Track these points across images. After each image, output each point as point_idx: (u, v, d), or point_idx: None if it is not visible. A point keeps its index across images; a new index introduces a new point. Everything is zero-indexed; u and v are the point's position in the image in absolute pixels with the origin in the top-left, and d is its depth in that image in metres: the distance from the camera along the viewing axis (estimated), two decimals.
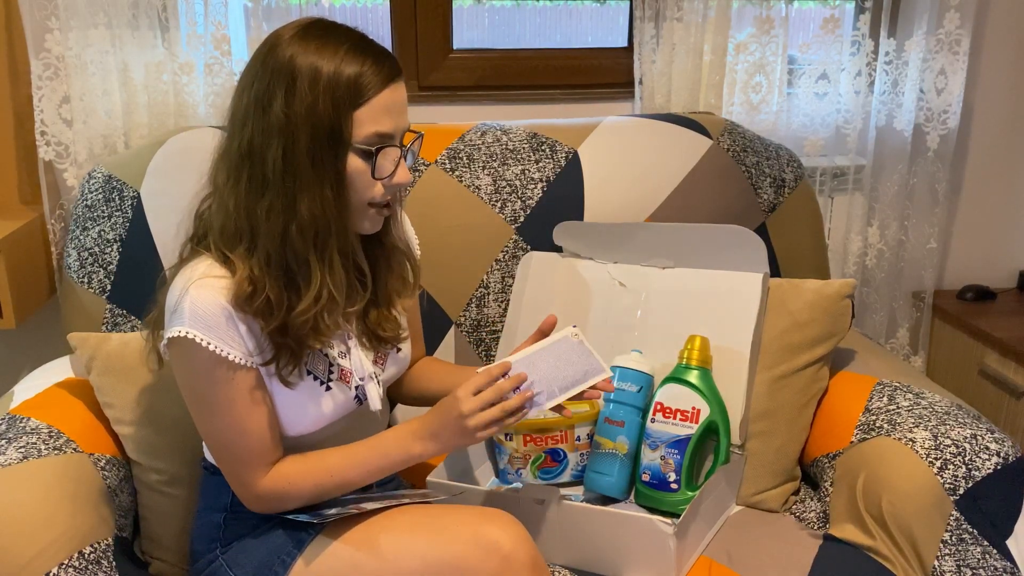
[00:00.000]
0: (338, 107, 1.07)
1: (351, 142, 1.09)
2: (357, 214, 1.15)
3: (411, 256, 1.31)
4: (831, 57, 2.01)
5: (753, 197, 1.77)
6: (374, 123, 1.10)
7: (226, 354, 1.10)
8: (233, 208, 1.11)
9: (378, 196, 1.14)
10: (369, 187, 1.13)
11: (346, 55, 1.09)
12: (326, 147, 1.08)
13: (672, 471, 1.44)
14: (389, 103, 1.11)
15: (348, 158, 1.10)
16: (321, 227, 1.10)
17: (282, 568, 1.16)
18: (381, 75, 1.10)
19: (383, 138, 1.11)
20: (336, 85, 1.07)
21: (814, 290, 1.52)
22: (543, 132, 1.76)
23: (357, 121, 1.09)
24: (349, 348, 1.24)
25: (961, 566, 1.28)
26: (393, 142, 1.13)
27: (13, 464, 1.24)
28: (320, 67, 1.07)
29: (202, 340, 1.09)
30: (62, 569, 1.15)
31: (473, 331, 1.68)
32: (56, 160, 1.73)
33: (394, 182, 1.14)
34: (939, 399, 1.45)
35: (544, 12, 2.22)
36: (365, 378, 1.25)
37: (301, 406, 1.18)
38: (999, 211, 2.28)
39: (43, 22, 1.67)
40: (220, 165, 1.14)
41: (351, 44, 1.10)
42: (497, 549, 1.10)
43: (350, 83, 1.08)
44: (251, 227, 1.10)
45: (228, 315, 1.10)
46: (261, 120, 1.08)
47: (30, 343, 1.89)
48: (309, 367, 1.19)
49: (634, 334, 1.58)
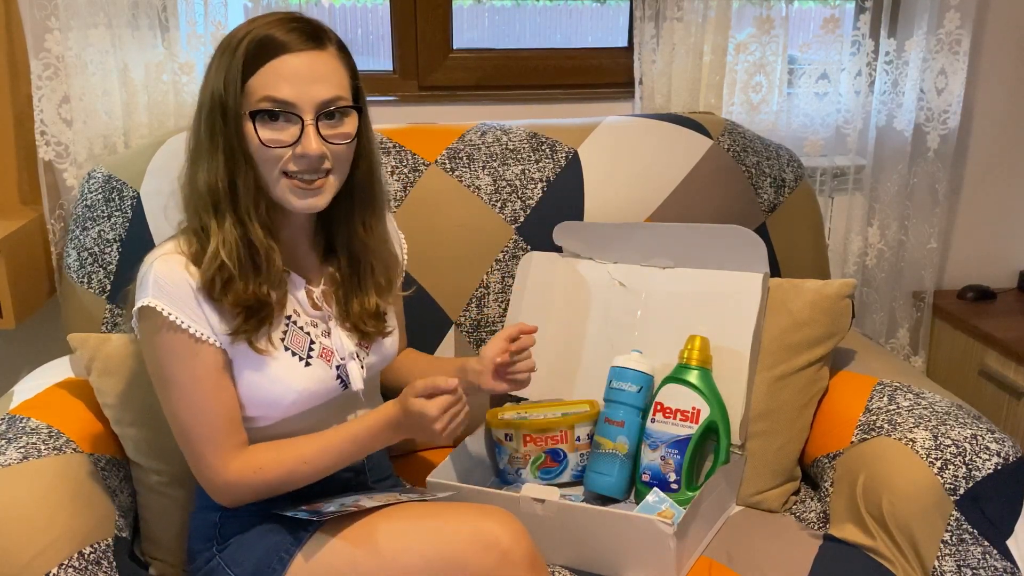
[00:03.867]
0: (228, 79, 1.10)
1: (242, 111, 1.11)
2: (274, 187, 1.15)
3: (393, 257, 1.32)
4: (831, 57, 2.01)
5: (753, 197, 1.77)
6: (265, 88, 1.10)
7: (187, 326, 1.12)
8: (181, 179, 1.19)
9: (288, 166, 1.13)
10: (272, 157, 1.12)
11: (267, 23, 1.11)
12: (219, 118, 1.11)
13: (672, 471, 1.44)
14: (288, 70, 1.10)
15: (244, 128, 1.11)
16: (215, 197, 1.12)
17: (280, 566, 1.16)
18: (287, 41, 1.10)
19: (276, 103, 1.10)
20: (232, 59, 1.10)
21: (814, 290, 1.52)
22: (543, 132, 1.76)
23: (250, 89, 1.10)
24: (330, 328, 1.25)
25: (961, 566, 1.28)
26: (293, 110, 1.11)
27: (13, 464, 1.24)
28: (237, 33, 1.11)
29: (164, 310, 1.12)
30: (62, 569, 1.15)
31: (473, 331, 1.68)
32: (56, 160, 1.73)
33: (299, 151, 1.12)
34: (939, 399, 1.45)
35: (544, 12, 2.22)
36: (346, 357, 1.25)
37: (280, 382, 1.19)
38: (999, 211, 2.28)
39: (43, 22, 1.67)
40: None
41: (280, 16, 1.13)
42: (496, 545, 1.10)
43: (242, 54, 1.09)
44: (182, 198, 1.17)
45: (191, 289, 1.13)
46: (199, 98, 1.15)
47: (30, 343, 1.89)
48: (287, 343, 1.20)
49: (634, 334, 1.58)
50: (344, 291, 1.27)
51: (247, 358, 1.18)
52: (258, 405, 1.20)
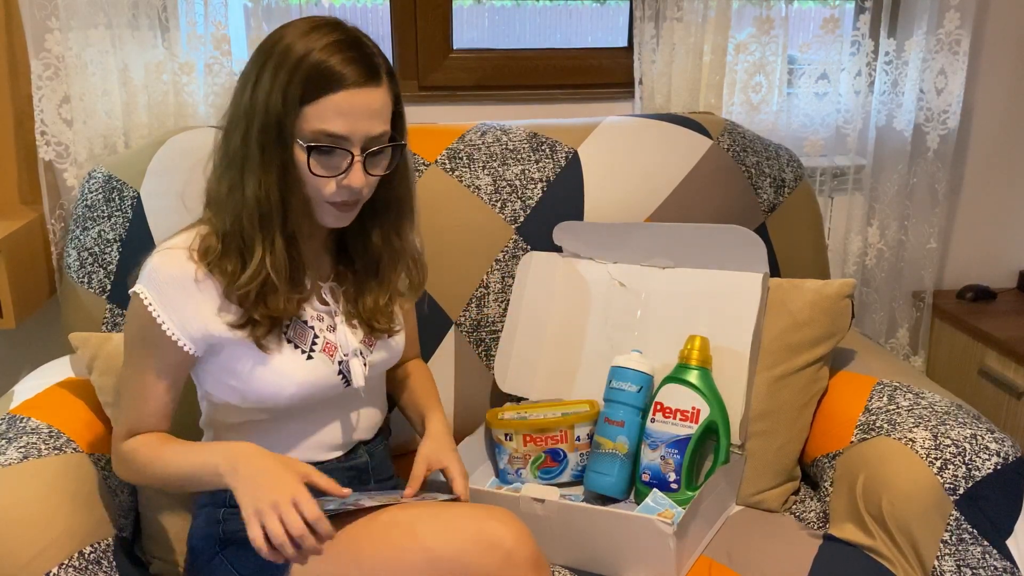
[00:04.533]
0: (287, 101, 1.10)
1: (295, 135, 1.11)
2: (317, 208, 1.17)
3: (420, 263, 1.33)
4: (831, 57, 2.01)
5: (753, 197, 1.77)
6: (321, 121, 1.10)
7: (161, 321, 1.15)
8: (210, 177, 1.19)
9: (333, 197, 1.15)
10: (319, 184, 1.14)
11: (326, 47, 1.10)
12: (274, 136, 1.11)
13: (672, 471, 1.44)
14: (343, 106, 1.11)
15: (295, 151, 1.12)
16: (264, 211, 1.13)
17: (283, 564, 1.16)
18: (340, 77, 1.10)
19: (331, 138, 1.11)
20: (290, 81, 1.09)
21: (814, 290, 1.52)
22: (543, 132, 1.76)
23: (305, 116, 1.10)
24: (336, 324, 1.26)
25: (961, 566, 1.28)
26: (344, 145, 1.12)
27: (13, 464, 1.24)
28: (293, 49, 1.10)
29: (146, 299, 1.15)
30: (62, 569, 1.15)
31: (473, 331, 1.68)
32: (56, 160, 1.73)
33: (344, 184, 1.14)
34: (939, 399, 1.45)
35: (544, 12, 2.22)
36: (349, 353, 1.25)
37: (281, 374, 1.20)
38: (999, 211, 2.28)
39: (43, 22, 1.67)
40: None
41: (337, 38, 1.11)
42: (499, 545, 1.10)
43: (303, 80, 1.09)
44: (216, 198, 1.17)
45: (183, 286, 1.15)
46: (238, 101, 1.15)
47: (30, 343, 1.89)
48: (289, 335, 1.21)
49: (634, 334, 1.58)
50: (357, 288, 1.28)
51: (248, 349, 1.19)
52: (257, 396, 1.20)
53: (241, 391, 1.20)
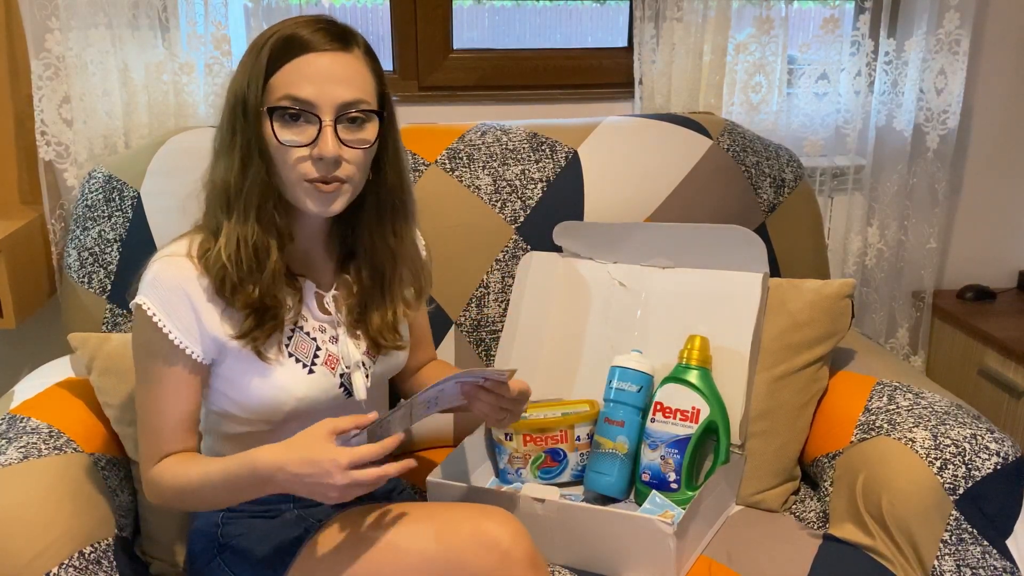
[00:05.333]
0: (252, 75, 1.09)
1: (262, 107, 1.09)
2: (296, 190, 1.13)
3: (423, 266, 1.31)
4: (831, 57, 2.02)
5: (753, 197, 1.77)
6: (287, 87, 1.09)
7: (168, 331, 1.12)
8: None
9: (308, 172, 1.11)
10: (290, 158, 1.10)
11: (295, 23, 1.11)
12: (240, 115, 1.11)
13: (672, 471, 1.44)
14: (309, 69, 1.09)
15: (263, 126, 1.10)
16: (231, 194, 1.11)
17: (282, 567, 1.16)
18: (306, 41, 1.09)
19: (296, 101, 1.09)
20: (257, 56, 1.10)
21: (814, 290, 1.52)
22: (543, 132, 1.76)
23: (272, 87, 1.09)
24: (338, 334, 1.24)
25: (961, 566, 1.28)
26: (312, 109, 1.09)
27: (13, 464, 1.24)
28: (265, 33, 1.11)
29: (150, 310, 1.12)
30: (62, 569, 1.15)
31: (473, 331, 1.68)
32: (56, 160, 1.73)
33: (316, 153, 1.10)
34: (939, 399, 1.45)
35: (544, 12, 2.22)
36: (352, 366, 1.24)
37: (282, 389, 1.17)
38: (999, 211, 2.28)
39: (43, 22, 1.67)
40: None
41: (308, 17, 1.13)
42: (496, 545, 1.10)
43: (267, 51, 1.09)
44: (205, 193, 1.16)
45: (186, 294, 1.13)
46: (225, 97, 1.15)
47: (30, 343, 1.89)
48: (291, 348, 1.19)
49: (634, 334, 1.58)
50: (363, 302, 1.25)
51: (250, 362, 1.16)
52: (256, 410, 1.18)
53: (240, 403, 1.19)
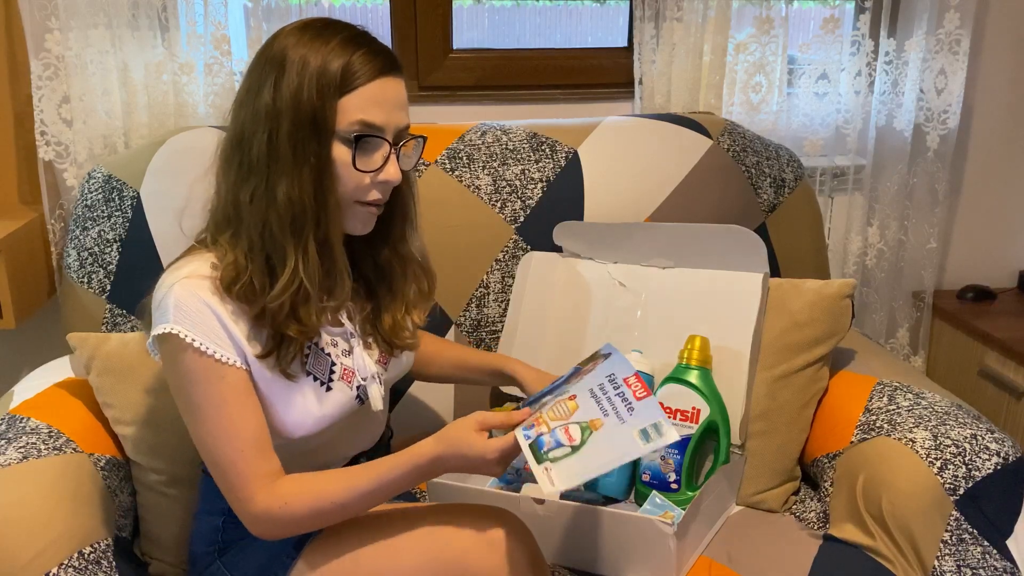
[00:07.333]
0: (323, 93, 1.06)
1: (335, 129, 1.08)
2: (346, 211, 1.12)
3: (429, 268, 1.30)
4: (831, 57, 2.02)
5: (753, 197, 1.77)
6: (361, 111, 1.08)
7: (211, 351, 1.07)
8: (224, 194, 1.12)
9: (367, 195, 1.12)
10: (355, 181, 1.10)
11: (337, 46, 1.08)
12: (308, 132, 1.07)
13: (672, 471, 1.44)
14: (379, 95, 1.09)
15: (332, 146, 1.08)
16: (297, 212, 1.07)
17: (282, 570, 1.16)
18: (372, 66, 1.09)
19: (370, 128, 1.09)
20: (323, 72, 1.07)
21: (814, 290, 1.52)
22: (543, 132, 1.76)
23: (343, 108, 1.08)
24: (352, 347, 1.23)
25: (961, 566, 1.28)
26: (382, 135, 1.10)
27: (13, 464, 1.24)
28: (308, 57, 1.07)
29: (186, 336, 1.06)
30: (62, 569, 1.15)
31: (473, 331, 1.68)
32: (56, 160, 1.73)
33: (381, 178, 1.11)
34: (939, 399, 1.45)
35: (544, 12, 2.22)
36: (368, 378, 1.23)
37: (303, 408, 1.15)
38: (999, 211, 2.28)
39: (43, 22, 1.67)
40: (218, 155, 1.15)
41: (344, 37, 1.10)
42: (499, 546, 1.10)
43: (337, 71, 1.07)
44: (236, 213, 1.10)
45: (213, 312, 1.08)
46: (252, 107, 1.09)
47: (30, 343, 1.89)
48: (310, 368, 1.17)
49: (634, 334, 1.58)
50: (373, 307, 1.25)
51: (269, 384, 1.13)
52: (275, 431, 1.15)
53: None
